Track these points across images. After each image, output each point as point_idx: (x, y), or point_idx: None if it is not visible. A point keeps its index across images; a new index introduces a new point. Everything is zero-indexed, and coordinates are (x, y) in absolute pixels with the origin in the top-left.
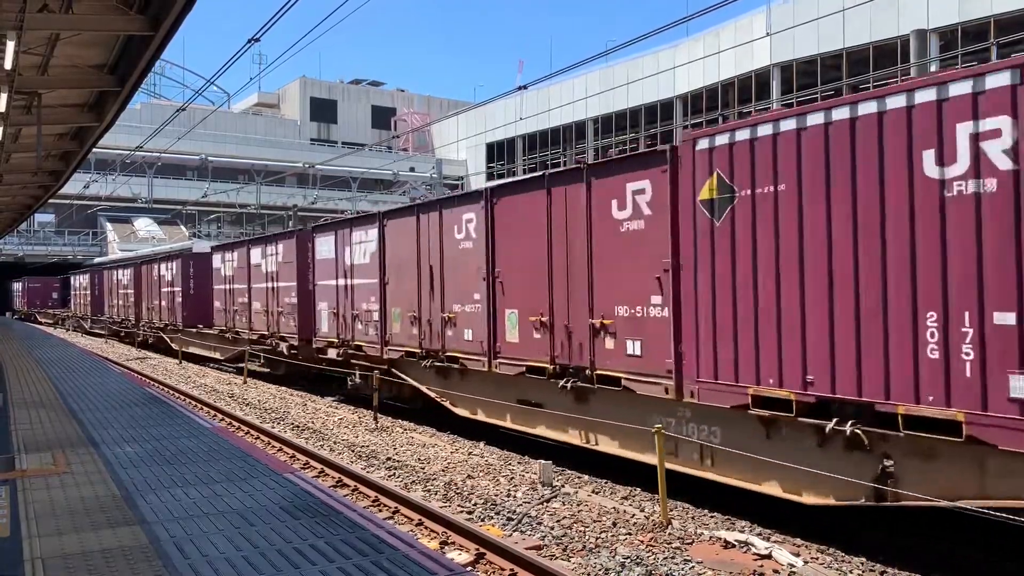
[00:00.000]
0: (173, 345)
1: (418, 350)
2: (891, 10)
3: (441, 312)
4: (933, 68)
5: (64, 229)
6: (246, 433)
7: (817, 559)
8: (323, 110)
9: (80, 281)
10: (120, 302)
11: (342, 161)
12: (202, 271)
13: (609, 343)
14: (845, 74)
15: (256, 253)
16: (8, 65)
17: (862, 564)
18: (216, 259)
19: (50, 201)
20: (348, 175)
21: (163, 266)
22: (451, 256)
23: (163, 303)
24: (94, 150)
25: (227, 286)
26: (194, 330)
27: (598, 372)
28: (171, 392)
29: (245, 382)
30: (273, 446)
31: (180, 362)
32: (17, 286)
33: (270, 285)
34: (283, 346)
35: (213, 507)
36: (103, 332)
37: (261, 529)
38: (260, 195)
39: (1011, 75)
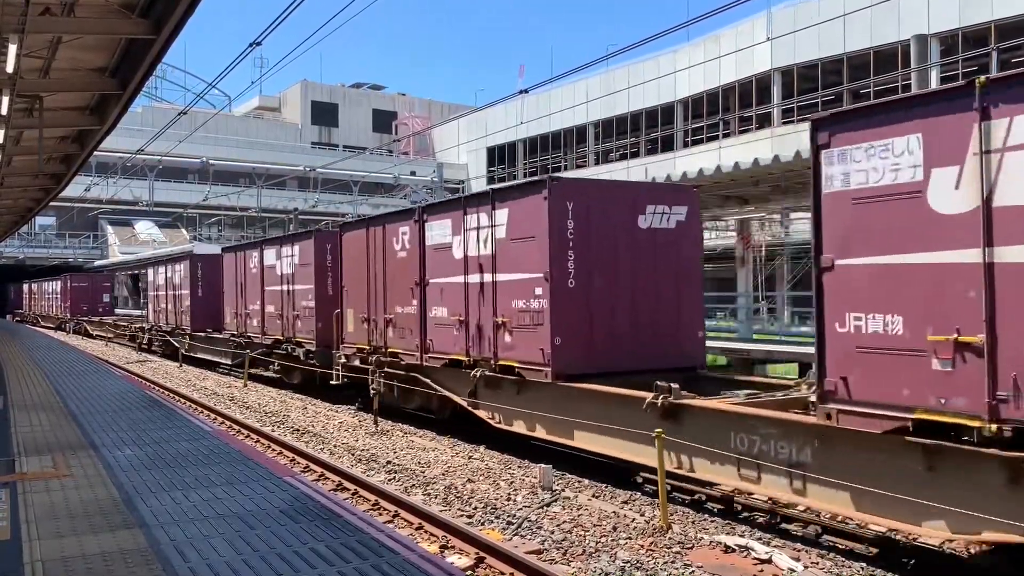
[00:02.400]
0: (531, 430)
1: None
2: (892, 15)
3: None
4: (934, 73)
5: (65, 232)
6: (246, 436)
7: (817, 564)
8: (324, 114)
9: (165, 275)
10: (271, 307)
11: (343, 165)
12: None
13: None
14: (846, 79)
15: None
16: (10, 68)
17: (862, 569)
18: None
19: (51, 204)
20: (349, 179)
21: (437, 222)
22: None
23: (452, 312)
24: (95, 153)
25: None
26: (588, 381)
27: None
28: (171, 395)
29: (245, 385)
30: (273, 449)
31: (180, 365)
32: (54, 286)
33: None
34: None
35: (213, 510)
36: (222, 360)
37: (261, 532)
38: (261, 198)
39: None
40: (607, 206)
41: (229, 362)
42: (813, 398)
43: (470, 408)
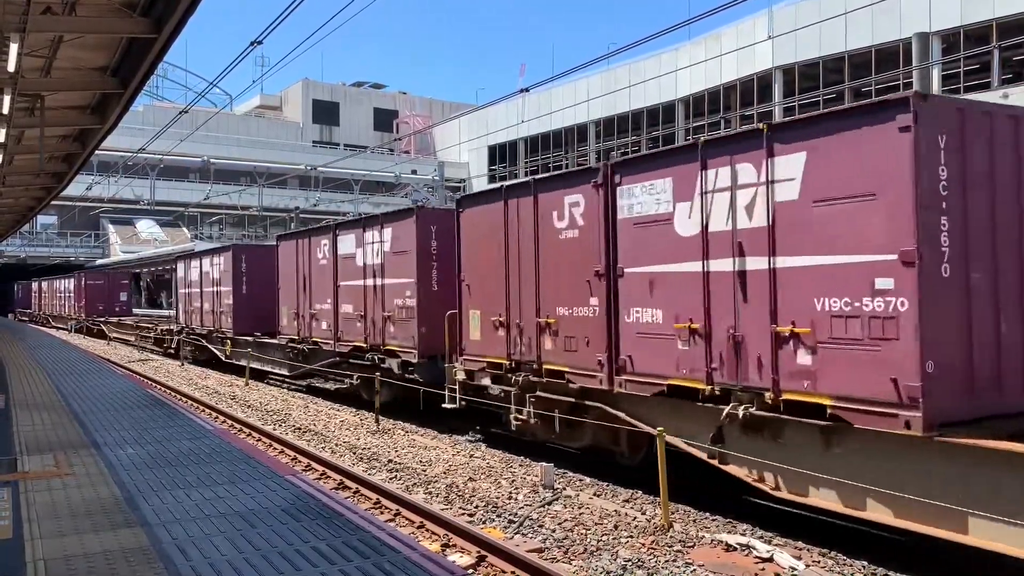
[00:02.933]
0: (852, 507)
1: None
2: (893, 13)
3: None
4: (935, 72)
5: (66, 231)
6: (248, 435)
7: (819, 563)
8: (325, 112)
9: (200, 269)
10: (348, 307)
11: (344, 163)
12: None
13: None
14: (847, 77)
15: None
16: (11, 67)
17: (863, 567)
18: None
19: (53, 203)
20: (350, 177)
21: (640, 184)
22: None
23: (673, 316)
24: (96, 152)
25: None
26: None
27: None
28: (173, 394)
29: (247, 384)
30: (275, 448)
31: (182, 364)
32: (66, 284)
33: None
34: None
35: (215, 509)
36: (276, 371)
37: (263, 531)
38: (262, 197)
39: None
40: (988, 145)
41: (287, 373)
42: None
43: (714, 462)
